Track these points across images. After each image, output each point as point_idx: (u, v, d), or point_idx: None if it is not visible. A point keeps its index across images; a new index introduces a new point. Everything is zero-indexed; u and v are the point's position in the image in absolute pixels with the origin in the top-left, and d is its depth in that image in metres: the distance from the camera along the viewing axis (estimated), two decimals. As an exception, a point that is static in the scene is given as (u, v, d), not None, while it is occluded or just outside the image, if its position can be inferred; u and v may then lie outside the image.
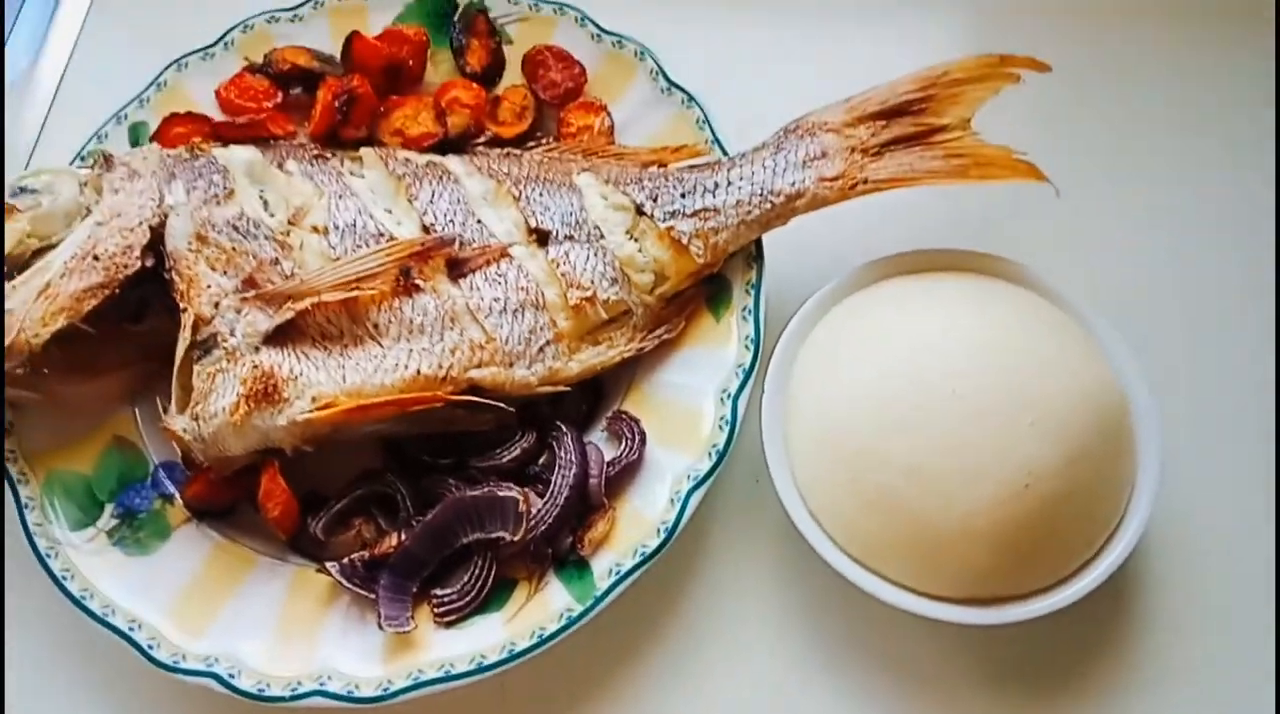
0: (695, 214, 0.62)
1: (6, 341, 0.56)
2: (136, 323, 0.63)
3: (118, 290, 0.59)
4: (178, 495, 0.63)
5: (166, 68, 0.73)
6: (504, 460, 0.60)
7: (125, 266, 0.59)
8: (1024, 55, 0.62)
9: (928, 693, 0.58)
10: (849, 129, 0.62)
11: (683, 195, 0.62)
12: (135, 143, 0.71)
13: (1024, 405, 0.53)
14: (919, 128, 0.61)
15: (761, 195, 0.61)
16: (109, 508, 0.62)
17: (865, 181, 0.60)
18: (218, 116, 0.72)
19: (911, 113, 0.61)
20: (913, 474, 0.53)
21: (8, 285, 0.58)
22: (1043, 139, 0.62)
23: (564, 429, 0.60)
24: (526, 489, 0.59)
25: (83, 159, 0.70)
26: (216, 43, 0.73)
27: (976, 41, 0.80)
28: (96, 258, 0.59)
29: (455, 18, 0.73)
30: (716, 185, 0.62)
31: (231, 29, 0.74)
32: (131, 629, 0.57)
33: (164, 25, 0.83)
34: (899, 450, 0.53)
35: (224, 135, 0.70)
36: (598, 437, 0.62)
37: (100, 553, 0.60)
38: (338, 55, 0.73)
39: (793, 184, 0.61)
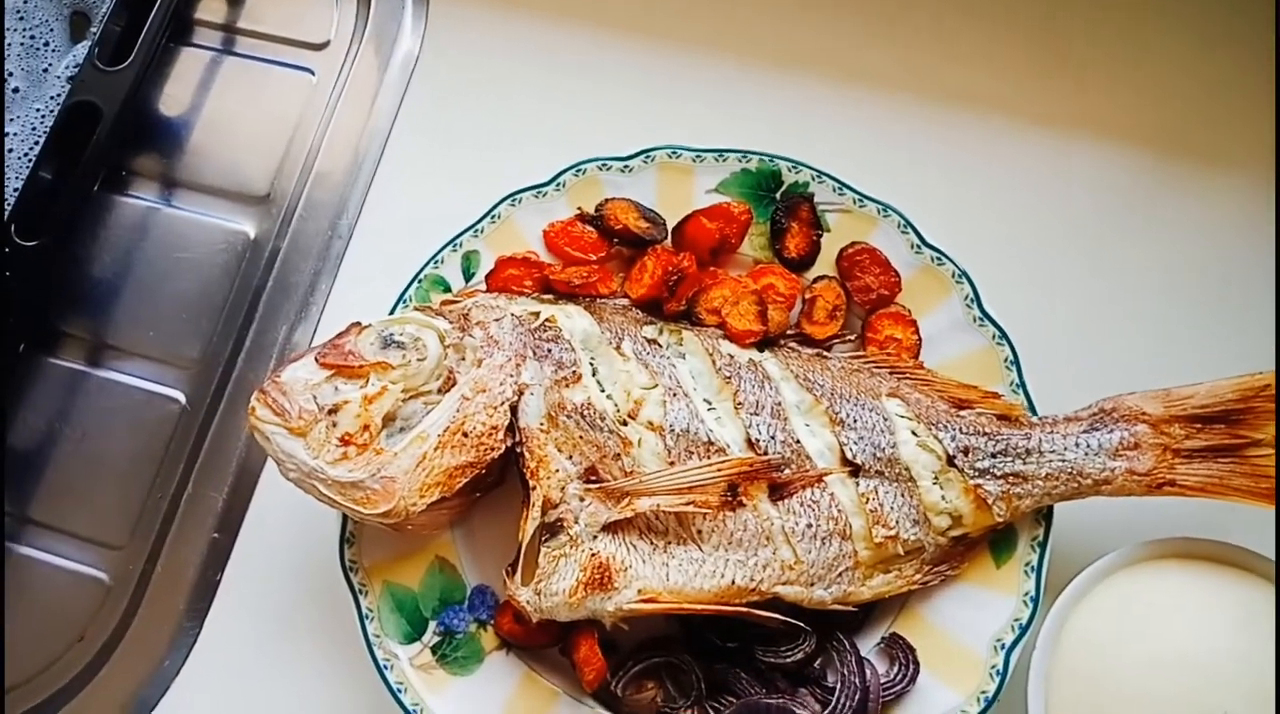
0: (1004, 477, 0.67)
1: (389, 507, 0.64)
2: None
3: (484, 470, 0.66)
4: (490, 622, 0.72)
5: (501, 201, 0.77)
6: (787, 660, 0.68)
7: (492, 448, 0.66)
8: (1345, 373, 0.65)
9: None
10: (1165, 426, 0.65)
11: (994, 455, 0.67)
12: (467, 271, 0.76)
13: (1286, 739, 0.59)
14: (1234, 440, 0.64)
15: (1070, 474, 0.66)
16: (432, 625, 0.71)
17: (1172, 483, 0.64)
18: (542, 252, 0.77)
19: (1228, 422, 0.65)
20: (1172, 778, 0.60)
21: (389, 451, 0.65)
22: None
23: (846, 644, 0.67)
24: (806, 691, 0.67)
25: (419, 283, 0.76)
26: (550, 183, 0.77)
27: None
28: (466, 435, 0.66)
29: (778, 195, 0.76)
30: (1028, 452, 0.67)
31: (565, 171, 0.77)
32: (455, 747, 0.68)
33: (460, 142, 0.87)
34: (1163, 753, 0.60)
35: (555, 288, 0.75)
36: (869, 649, 0.69)
37: (427, 669, 0.70)
38: (661, 209, 0.77)
39: (1101, 471, 0.65)
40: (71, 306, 0.86)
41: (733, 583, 0.66)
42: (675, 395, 0.69)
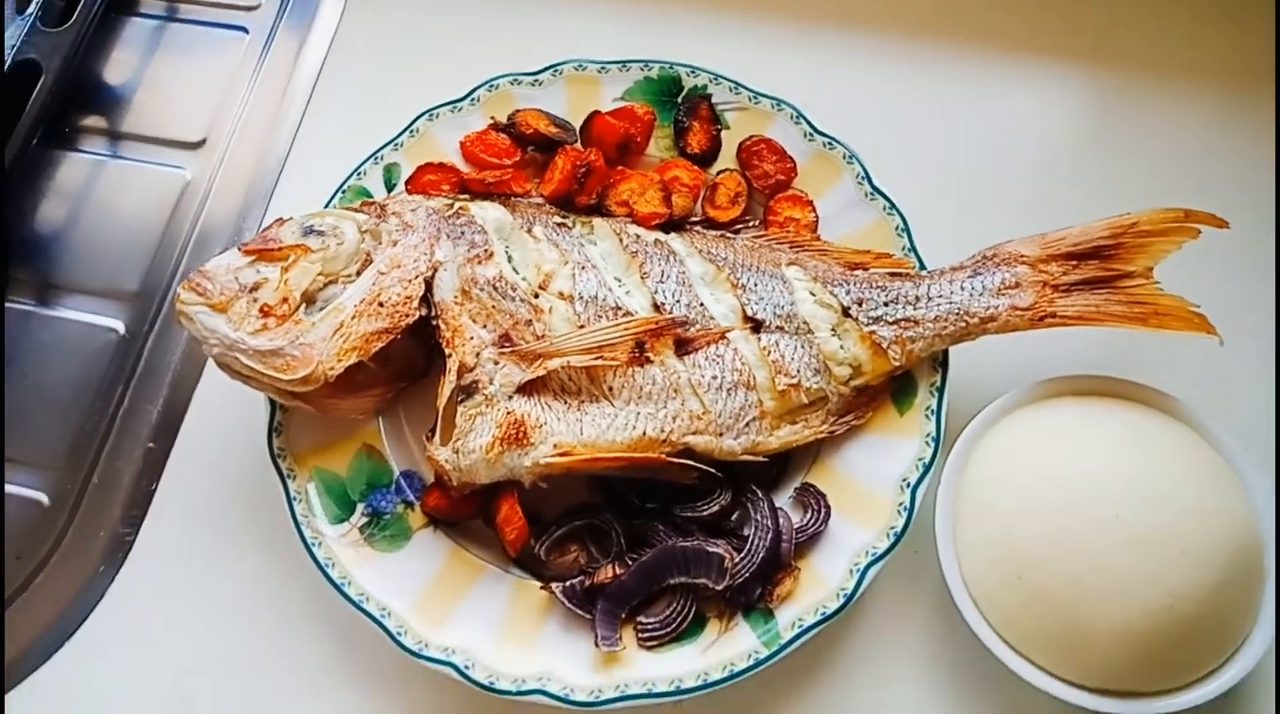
0: (896, 322, 0.70)
1: (308, 372, 0.67)
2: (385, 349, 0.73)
3: (399, 336, 0.69)
4: (417, 503, 0.73)
5: (419, 116, 0.81)
6: (704, 513, 0.70)
7: (406, 315, 0.69)
8: (1206, 212, 0.69)
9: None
10: (1042, 265, 0.69)
11: (886, 303, 0.71)
12: (389, 182, 0.80)
13: (1176, 536, 0.61)
14: (1106, 272, 0.68)
15: (958, 314, 0.70)
16: (359, 507, 0.73)
17: (1054, 315, 0.68)
18: (460, 163, 0.81)
19: (1101, 257, 0.69)
20: (1071, 583, 0.62)
21: (307, 321, 0.68)
22: (1207, 280, 0.70)
23: (759, 494, 0.70)
24: (723, 541, 0.69)
25: (343, 193, 0.80)
26: (465, 98, 0.82)
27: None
28: (382, 305, 0.69)
29: (680, 99, 0.81)
30: (918, 298, 0.70)
31: (478, 87, 0.82)
32: (383, 616, 0.68)
33: (396, 73, 0.93)
34: (1061, 560, 0.62)
35: (471, 188, 0.79)
36: (784, 501, 0.71)
37: (355, 546, 0.71)
38: (571, 118, 0.81)
39: (987, 309, 0.69)
40: (14, 252, 0.89)
41: (644, 434, 0.68)
42: (584, 268, 0.72)
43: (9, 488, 0.81)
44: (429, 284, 0.70)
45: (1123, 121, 0.87)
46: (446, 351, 0.69)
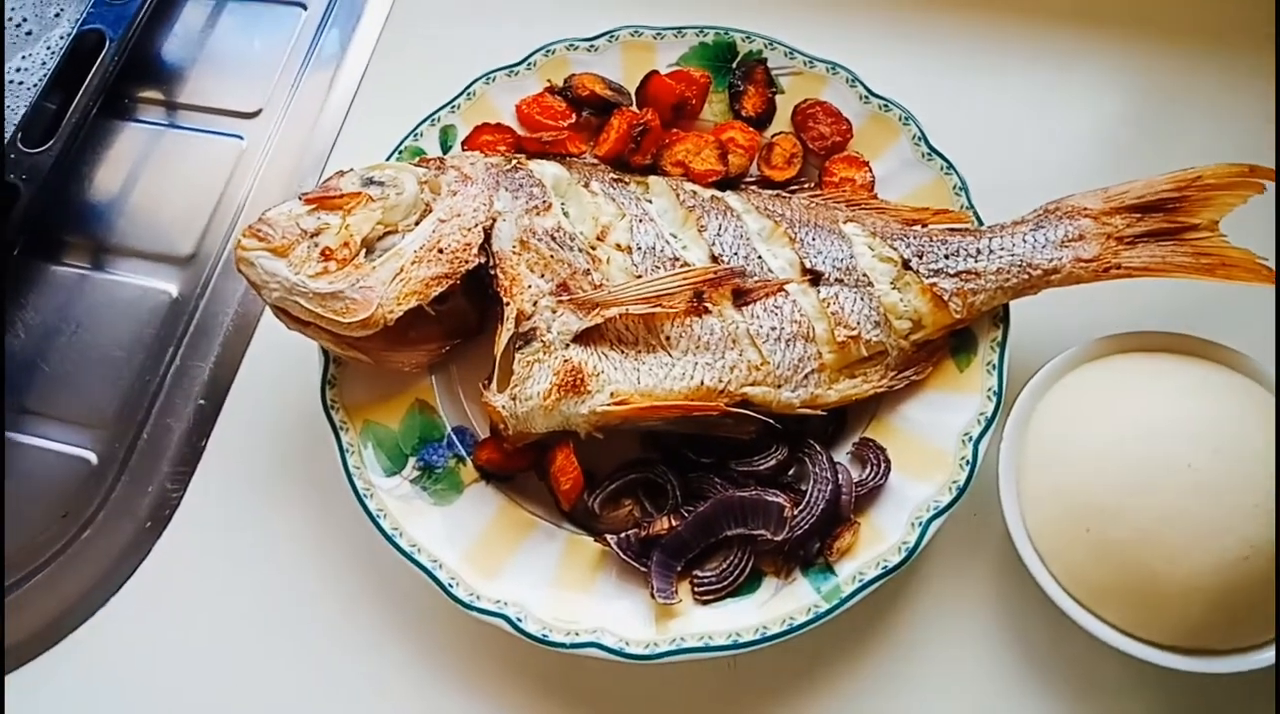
0: (957, 275, 0.69)
1: (368, 315, 0.67)
2: (441, 305, 0.73)
3: (458, 281, 0.69)
4: (469, 458, 0.73)
5: (476, 79, 0.82)
6: (760, 467, 0.69)
7: (465, 261, 0.69)
8: (1269, 167, 0.68)
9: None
10: (1106, 217, 0.69)
11: (947, 256, 0.70)
12: (445, 143, 0.81)
13: (1252, 487, 0.60)
14: (1171, 224, 0.67)
15: (1020, 266, 0.69)
16: (411, 461, 0.72)
17: (1118, 267, 0.67)
18: (516, 127, 0.82)
19: (1165, 210, 0.68)
20: (1144, 533, 0.60)
21: (368, 266, 0.68)
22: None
23: (818, 448, 0.69)
24: (782, 493, 0.68)
25: (399, 153, 0.80)
26: (521, 63, 0.83)
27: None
28: (441, 251, 0.69)
29: (735, 64, 0.82)
30: (979, 251, 0.70)
31: (535, 52, 0.83)
32: (434, 567, 0.67)
33: (452, 41, 0.95)
34: (1132, 509, 0.61)
35: (526, 148, 0.79)
36: (842, 457, 0.70)
37: (406, 499, 0.71)
38: (626, 84, 0.82)
39: (1050, 261, 0.68)
40: (71, 216, 0.91)
41: (702, 384, 0.68)
42: (642, 221, 0.72)
43: (57, 446, 0.82)
44: (487, 234, 0.70)
45: (1181, 89, 0.86)
46: (504, 300, 0.69)
